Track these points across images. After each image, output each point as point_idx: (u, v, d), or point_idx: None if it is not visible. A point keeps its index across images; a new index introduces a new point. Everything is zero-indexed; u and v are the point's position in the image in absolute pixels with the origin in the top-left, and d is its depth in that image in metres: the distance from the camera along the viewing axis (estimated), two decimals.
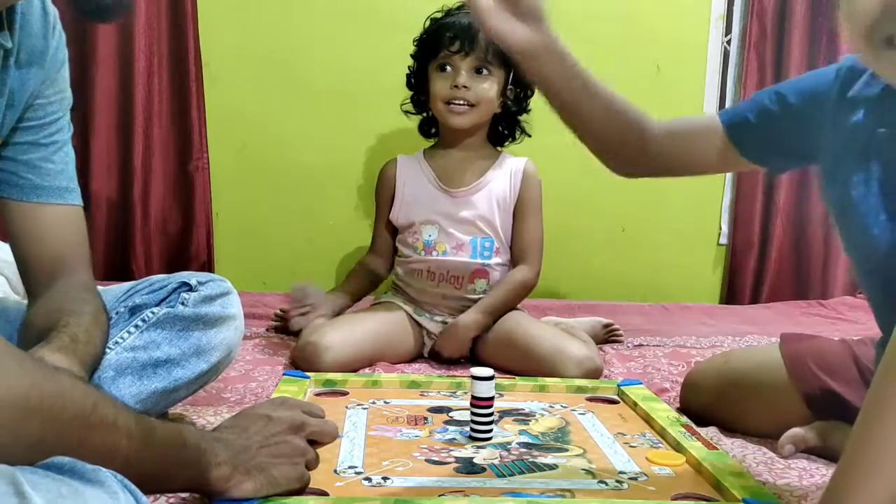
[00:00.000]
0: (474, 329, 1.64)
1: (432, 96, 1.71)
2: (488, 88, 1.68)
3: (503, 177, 1.74)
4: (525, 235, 1.74)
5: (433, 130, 1.84)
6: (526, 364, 1.53)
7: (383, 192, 1.80)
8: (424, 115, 1.83)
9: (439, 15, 1.76)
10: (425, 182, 1.75)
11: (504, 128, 1.80)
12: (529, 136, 1.82)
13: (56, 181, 1.01)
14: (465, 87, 1.66)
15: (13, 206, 0.99)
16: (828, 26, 2.36)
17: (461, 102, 1.67)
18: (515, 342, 1.60)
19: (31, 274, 1.01)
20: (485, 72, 1.68)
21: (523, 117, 1.79)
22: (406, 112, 1.84)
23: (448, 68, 1.69)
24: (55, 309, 0.95)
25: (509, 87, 1.73)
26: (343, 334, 1.54)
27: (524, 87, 1.75)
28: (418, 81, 1.78)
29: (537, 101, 1.80)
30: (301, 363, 1.50)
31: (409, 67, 1.80)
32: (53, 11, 0.98)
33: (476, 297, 1.70)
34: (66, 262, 1.01)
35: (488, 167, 1.75)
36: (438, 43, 1.68)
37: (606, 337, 1.85)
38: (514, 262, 1.75)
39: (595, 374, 1.50)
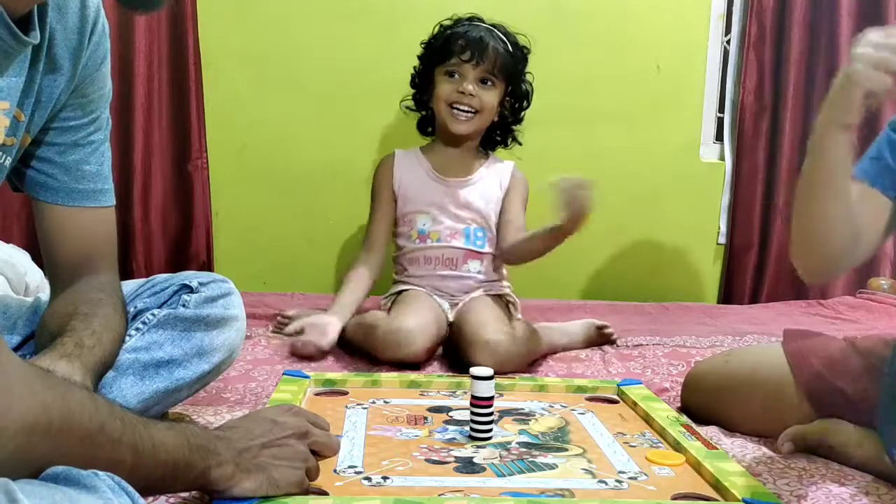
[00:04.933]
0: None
1: (436, 97, 1.79)
2: (491, 98, 1.77)
3: (493, 176, 1.85)
4: (511, 210, 1.82)
5: (430, 129, 1.91)
6: (465, 353, 1.58)
7: (382, 184, 1.85)
8: (423, 113, 1.89)
9: (449, 23, 1.83)
10: (422, 173, 1.83)
11: (498, 135, 1.88)
12: (521, 143, 1.90)
13: (91, 184, 1.01)
14: (471, 94, 1.73)
15: (46, 208, 0.99)
16: (827, 26, 2.36)
17: (465, 108, 1.75)
18: (463, 332, 1.63)
19: (56, 271, 1.01)
20: (489, 83, 1.77)
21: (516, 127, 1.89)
22: (406, 108, 1.90)
23: (456, 75, 1.76)
24: (68, 312, 0.95)
25: (506, 97, 1.82)
26: (416, 319, 1.59)
27: (520, 99, 1.85)
28: (423, 81, 1.85)
29: (536, 103, 1.87)
30: (387, 351, 1.55)
31: (414, 68, 1.87)
32: (95, 4, 0.95)
33: (471, 275, 1.78)
34: (91, 261, 1.01)
35: (481, 165, 1.86)
36: (450, 50, 1.75)
37: (600, 339, 1.85)
38: (499, 237, 1.81)
39: (508, 361, 1.52)
